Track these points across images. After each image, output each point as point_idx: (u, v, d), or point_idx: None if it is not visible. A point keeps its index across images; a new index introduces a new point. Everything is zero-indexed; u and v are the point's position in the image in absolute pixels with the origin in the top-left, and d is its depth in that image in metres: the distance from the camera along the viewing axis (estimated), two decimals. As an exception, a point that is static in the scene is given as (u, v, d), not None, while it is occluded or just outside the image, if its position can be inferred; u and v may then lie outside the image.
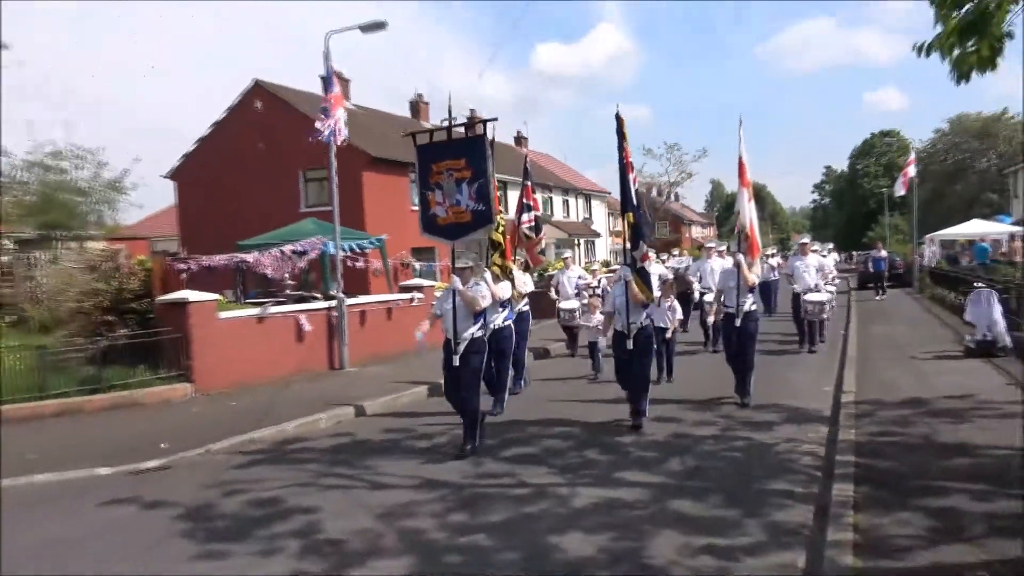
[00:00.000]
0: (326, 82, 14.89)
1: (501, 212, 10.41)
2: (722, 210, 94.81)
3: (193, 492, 7.14)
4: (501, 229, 10.23)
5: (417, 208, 9.06)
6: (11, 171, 28.55)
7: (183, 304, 12.25)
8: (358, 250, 17.69)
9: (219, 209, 29.54)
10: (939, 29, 6.20)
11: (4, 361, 11.34)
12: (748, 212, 9.96)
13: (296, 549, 5.52)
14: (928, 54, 6.24)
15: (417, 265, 28.09)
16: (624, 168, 8.64)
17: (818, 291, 14.74)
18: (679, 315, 11.82)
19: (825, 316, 14.98)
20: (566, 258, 15.67)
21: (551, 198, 48.25)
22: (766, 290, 20.09)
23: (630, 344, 8.68)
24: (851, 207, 80.00)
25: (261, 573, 5.14)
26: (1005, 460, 6.70)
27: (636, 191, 8.76)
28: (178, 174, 32.91)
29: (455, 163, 8.22)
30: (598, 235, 54.81)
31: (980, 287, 13.35)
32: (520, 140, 53.34)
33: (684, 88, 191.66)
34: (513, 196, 43.56)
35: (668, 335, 11.40)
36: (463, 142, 8.35)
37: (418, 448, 8.53)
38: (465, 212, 8.22)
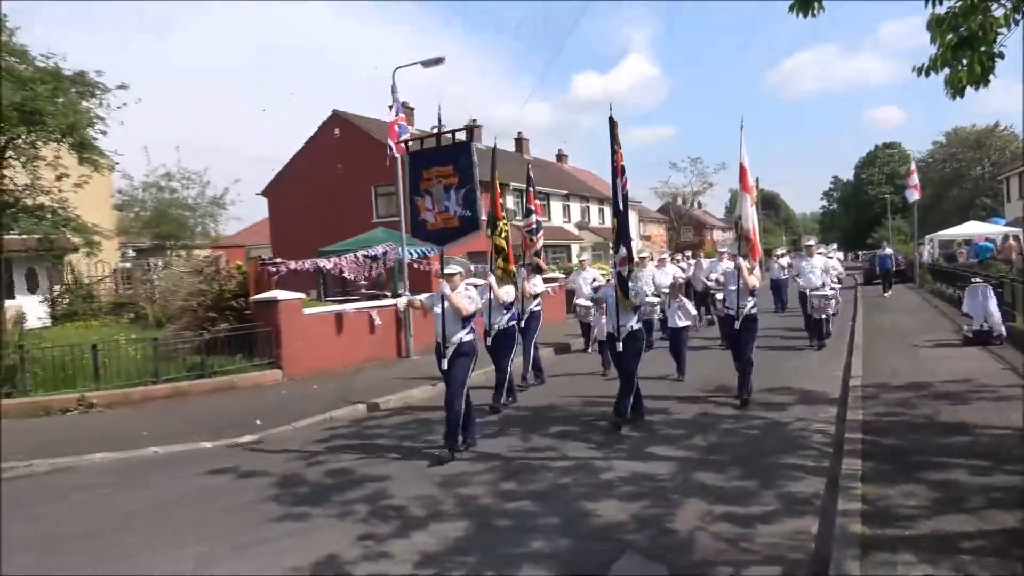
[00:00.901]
0: (394, 111, 14.98)
1: (503, 218, 9.76)
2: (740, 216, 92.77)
3: (281, 463, 7.22)
4: (504, 235, 9.59)
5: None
6: (131, 191, 29.40)
7: (274, 302, 12.43)
8: (422, 255, 17.77)
9: (304, 220, 29.98)
10: (934, 50, 5.97)
11: (125, 350, 11.65)
12: (750, 216, 9.01)
13: (366, 513, 5.52)
14: (928, 75, 6.00)
15: (472, 267, 28.15)
16: (614, 171, 7.76)
17: (823, 289, 13.69)
18: (692, 312, 11.13)
19: (831, 311, 13.90)
20: (583, 260, 14.95)
21: (588, 207, 47.94)
22: (777, 288, 19.56)
23: (619, 347, 7.89)
24: (857, 211, 77.97)
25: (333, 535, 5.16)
26: (1002, 438, 6.40)
27: (625, 194, 7.81)
28: (270, 191, 33.53)
29: (443, 170, 7.51)
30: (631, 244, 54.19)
31: (977, 282, 12.85)
32: (560, 157, 53.17)
33: (705, 109, 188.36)
34: (556, 207, 43.55)
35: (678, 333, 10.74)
36: (450, 149, 7.59)
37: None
38: (453, 218, 7.51)
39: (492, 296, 9.06)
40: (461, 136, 7.63)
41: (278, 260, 14.60)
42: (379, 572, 4.43)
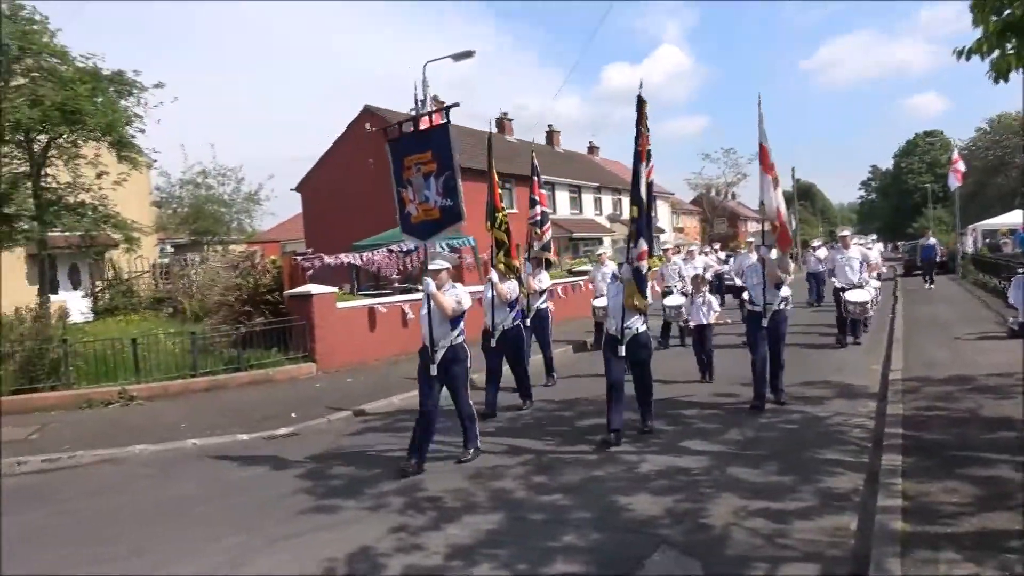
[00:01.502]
0: (423, 105, 15.04)
1: (503, 209, 9.18)
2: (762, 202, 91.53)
3: (315, 455, 7.31)
4: (505, 227, 9.05)
5: (512, 211, 8.73)
6: (168, 188, 29.97)
7: (308, 296, 12.57)
8: (453, 247, 17.80)
9: (337, 215, 30.26)
10: (978, 33, 5.78)
11: (164, 344, 11.88)
12: (774, 200, 8.04)
13: (399, 505, 5.56)
14: (968, 58, 5.82)
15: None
16: (637, 156, 6.97)
17: (861, 287, 12.39)
18: (716, 309, 10.23)
19: (869, 315, 12.70)
20: (600, 255, 13.92)
21: (620, 200, 47.64)
22: (813, 281, 19.17)
23: (622, 350, 7.06)
24: (896, 201, 76.34)
25: (366, 527, 5.20)
26: (1049, 433, 6.21)
27: (649, 184, 7.01)
28: (303, 187, 33.88)
29: (422, 156, 6.74)
30: (662, 231, 53.82)
31: (1022, 272, 12.47)
32: (592, 149, 52.90)
33: (738, 99, 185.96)
34: (588, 200, 43.33)
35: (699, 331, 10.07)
36: (428, 133, 6.81)
37: (504, 418, 8.51)
38: (434, 208, 6.71)
39: (494, 294, 8.66)
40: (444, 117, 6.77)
41: (312, 255, 14.76)
42: (412, 564, 4.46)
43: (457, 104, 6.61)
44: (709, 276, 14.74)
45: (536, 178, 11.11)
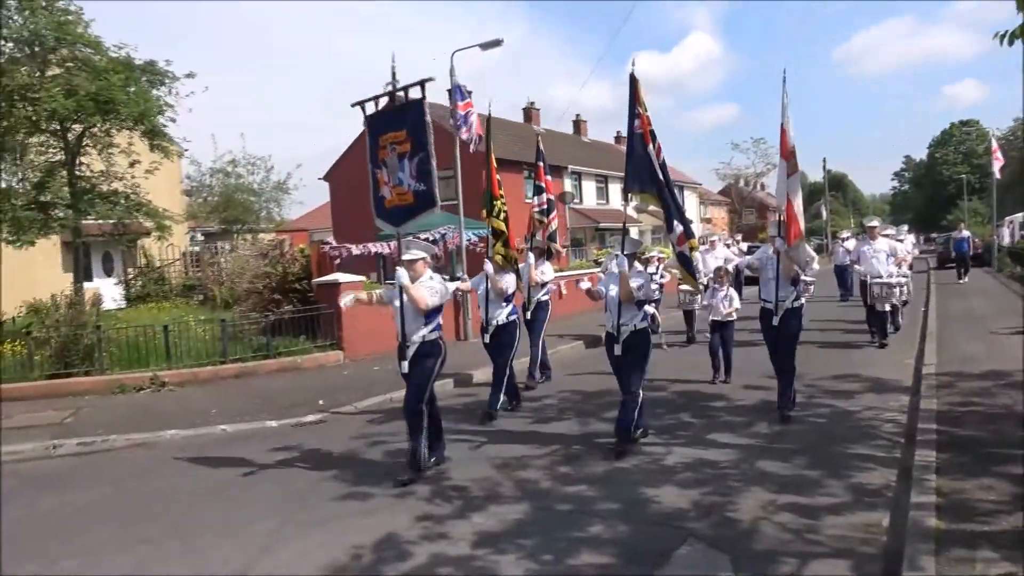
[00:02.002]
0: (452, 94, 15.02)
1: (501, 196, 8.61)
2: (805, 198, 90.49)
3: (343, 443, 7.36)
4: (503, 216, 8.54)
5: (529, 200, 8.60)
6: (199, 177, 30.35)
7: (335, 284, 12.66)
8: (481, 237, 17.83)
9: (364, 204, 30.24)
10: (1021, 18, 5.60)
11: (194, 331, 12.06)
12: (787, 188, 7.36)
13: (426, 494, 5.59)
14: (1011, 42, 5.65)
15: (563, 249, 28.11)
16: (641, 138, 6.38)
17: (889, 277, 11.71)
18: (736, 304, 9.51)
19: (895, 300, 11.90)
20: (612, 248, 13.78)
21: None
22: (842, 274, 18.78)
23: (618, 349, 6.46)
24: (930, 192, 74.83)
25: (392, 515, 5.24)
26: (1089, 431, 6.05)
27: (662, 164, 6.44)
28: (331, 176, 34.08)
29: (397, 135, 6.21)
30: (690, 221, 53.33)
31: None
32: (620, 139, 52.50)
33: (769, 88, 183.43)
34: (615, 190, 43.03)
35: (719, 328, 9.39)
36: (403, 109, 6.26)
37: (530, 408, 8.50)
38: (407, 193, 6.21)
39: (489, 286, 8.20)
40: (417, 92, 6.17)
41: (339, 244, 14.88)
42: (438, 552, 4.48)
43: (432, 79, 6.02)
44: (730, 268, 14.48)
45: (542, 164, 10.52)
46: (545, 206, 10.17)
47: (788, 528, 4.58)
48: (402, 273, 6.00)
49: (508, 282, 8.29)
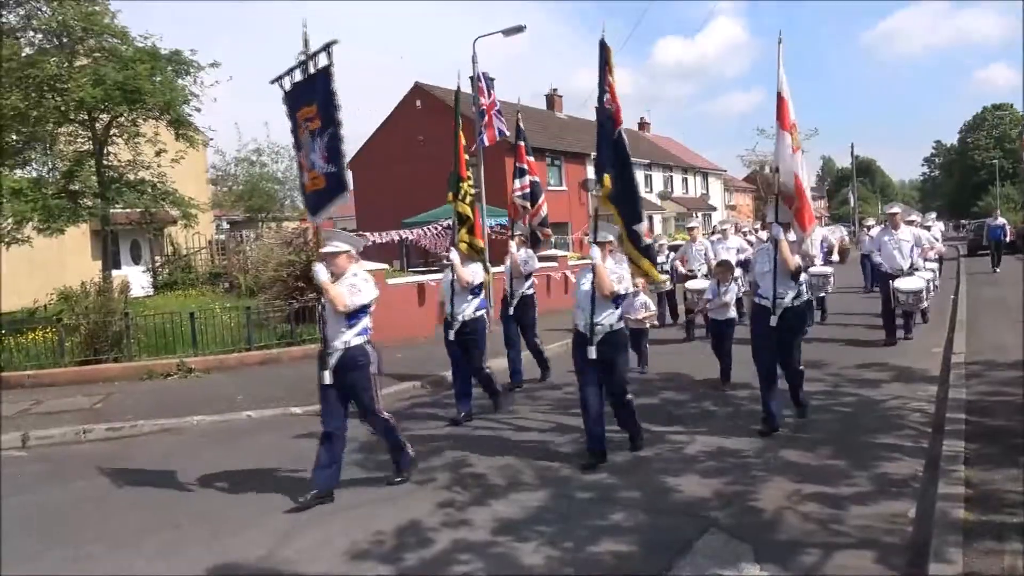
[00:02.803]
0: (474, 82, 15.00)
1: (469, 178, 7.93)
2: (832, 184, 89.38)
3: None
4: (469, 199, 7.84)
5: (553, 188, 8.31)
6: (224, 166, 30.65)
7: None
8: (503, 225, 17.79)
9: (387, 193, 30.53)
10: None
11: (220, 318, 12.19)
12: (791, 164, 6.40)
13: (447, 481, 5.61)
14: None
15: (553, 238, 28.07)
16: (611, 116, 5.78)
17: (912, 275, 10.45)
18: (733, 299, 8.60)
19: (924, 305, 10.93)
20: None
21: (671, 176, 46.95)
22: (868, 264, 18.20)
23: (591, 352, 5.70)
24: (961, 178, 73.33)
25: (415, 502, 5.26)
26: (1125, 422, 5.90)
27: (624, 141, 5.81)
28: (354, 164, 34.16)
29: (308, 110, 5.39)
30: (714, 209, 52.89)
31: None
32: (643, 126, 52.12)
33: (796, 73, 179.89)
34: (638, 177, 42.65)
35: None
36: (312, 80, 5.33)
37: (551, 397, 8.49)
38: (319, 177, 5.38)
39: (454, 277, 7.55)
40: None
41: (362, 231, 14.92)
42: (459, 538, 4.50)
43: (336, 41, 5.13)
44: (741, 259, 12.91)
45: (523, 143, 9.31)
46: (528, 189, 9.08)
47: (812, 518, 4.53)
48: (319, 269, 5.26)
49: (474, 273, 7.55)
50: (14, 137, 13.05)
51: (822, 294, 12.25)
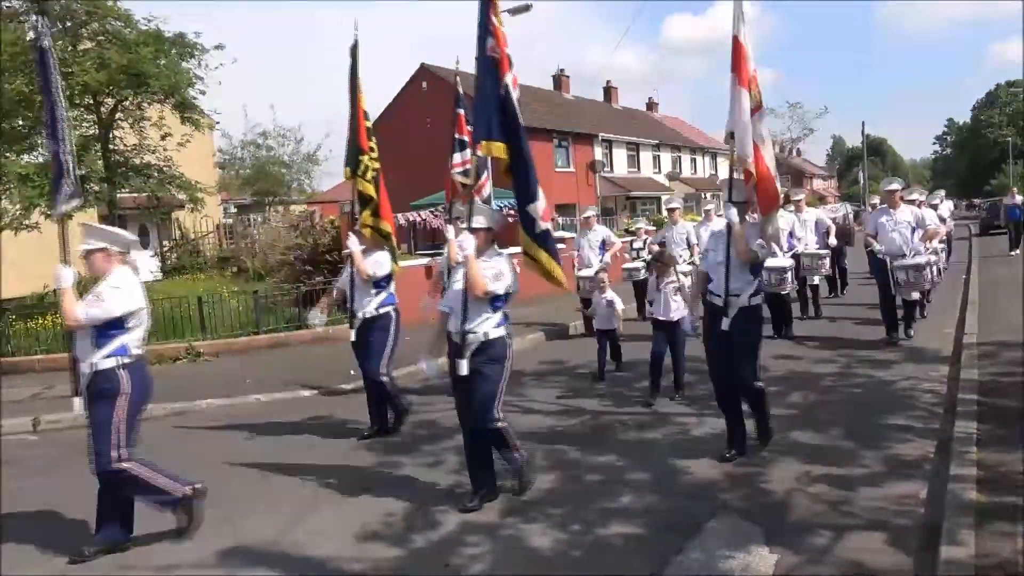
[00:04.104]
0: (478, 66, 14.85)
1: (370, 151, 6.81)
2: (843, 163, 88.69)
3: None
4: (371, 175, 6.72)
5: (561, 170, 7.61)
6: (231, 149, 30.63)
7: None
8: (512, 207, 17.71)
9: (394, 175, 30.12)
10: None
11: (228, 302, 12.22)
12: (752, 132, 5.11)
13: (455, 464, 5.60)
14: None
15: (560, 220, 27.97)
16: (493, 67, 4.66)
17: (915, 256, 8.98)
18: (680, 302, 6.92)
19: (927, 285, 9.58)
20: (588, 217, 11.66)
21: (680, 157, 46.63)
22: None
23: (463, 367, 4.64)
24: (973, 156, 72.57)
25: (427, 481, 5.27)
26: None
27: (512, 98, 4.68)
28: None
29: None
30: (721, 190, 52.56)
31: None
32: (651, 106, 51.66)
33: (808, 50, 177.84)
34: (646, 157, 42.48)
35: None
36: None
37: (558, 380, 8.48)
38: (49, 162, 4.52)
39: (354, 270, 6.60)
40: None
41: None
42: (468, 520, 4.51)
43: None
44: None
45: (462, 112, 7.97)
46: (469, 166, 7.66)
47: (822, 500, 4.52)
48: (60, 272, 4.44)
49: (378, 263, 6.62)
50: (20, 122, 13.04)
51: (815, 281, 11.23)
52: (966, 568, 3.40)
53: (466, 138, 7.73)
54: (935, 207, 12.81)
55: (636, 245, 11.90)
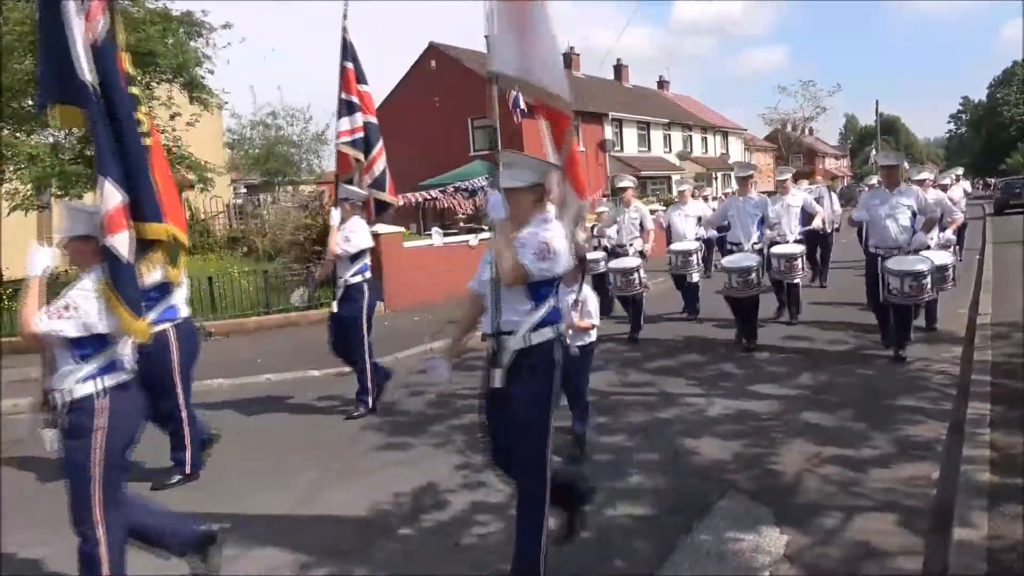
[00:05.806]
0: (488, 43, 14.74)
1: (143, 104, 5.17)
2: (855, 142, 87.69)
3: (384, 392, 7.43)
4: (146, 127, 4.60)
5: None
6: (240, 129, 30.56)
7: (374, 235, 12.63)
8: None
9: (402, 154, 30.10)
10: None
11: (238, 282, 12.24)
12: (556, 78, 3.77)
13: (462, 443, 5.61)
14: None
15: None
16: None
17: (916, 253, 7.24)
18: (595, 318, 5.15)
19: (925, 298, 7.33)
20: (683, 191, 11.02)
21: (691, 136, 46.23)
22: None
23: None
24: (988, 135, 71.52)
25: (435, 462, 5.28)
26: None
27: (108, 49, 3.47)
28: (369, 126, 34.05)
29: None
30: (732, 169, 52.16)
31: None
32: (662, 84, 51.16)
33: (821, 28, 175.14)
34: (656, 136, 42.15)
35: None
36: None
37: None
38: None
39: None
40: None
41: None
42: (477, 500, 4.51)
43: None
44: (701, 233, 10.76)
45: (350, 66, 6.60)
46: (362, 133, 6.60)
47: (832, 481, 4.49)
48: (36, 256, 3.32)
49: (347, 239, 6.48)
50: (29, 102, 13.02)
51: (796, 280, 9.40)
52: (978, 550, 3.38)
53: (355, 99, 6.62)
54: (945, 187, 11.32)
55: (632, 215, 9.55)
